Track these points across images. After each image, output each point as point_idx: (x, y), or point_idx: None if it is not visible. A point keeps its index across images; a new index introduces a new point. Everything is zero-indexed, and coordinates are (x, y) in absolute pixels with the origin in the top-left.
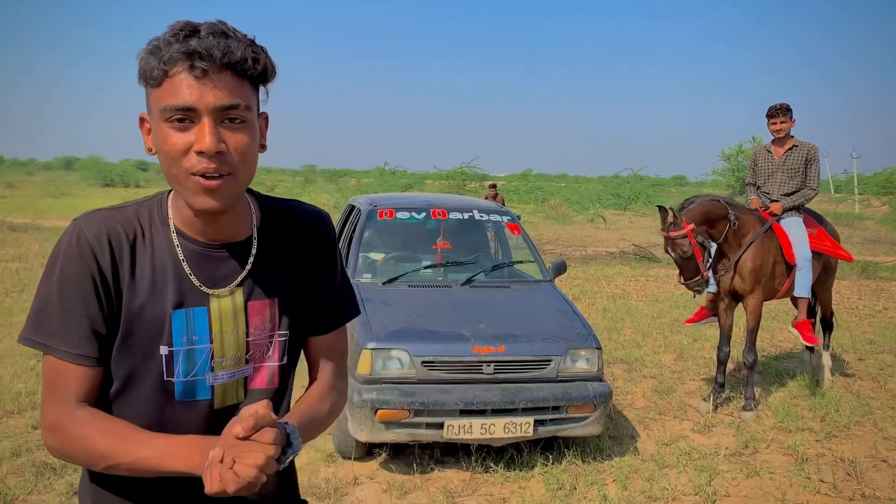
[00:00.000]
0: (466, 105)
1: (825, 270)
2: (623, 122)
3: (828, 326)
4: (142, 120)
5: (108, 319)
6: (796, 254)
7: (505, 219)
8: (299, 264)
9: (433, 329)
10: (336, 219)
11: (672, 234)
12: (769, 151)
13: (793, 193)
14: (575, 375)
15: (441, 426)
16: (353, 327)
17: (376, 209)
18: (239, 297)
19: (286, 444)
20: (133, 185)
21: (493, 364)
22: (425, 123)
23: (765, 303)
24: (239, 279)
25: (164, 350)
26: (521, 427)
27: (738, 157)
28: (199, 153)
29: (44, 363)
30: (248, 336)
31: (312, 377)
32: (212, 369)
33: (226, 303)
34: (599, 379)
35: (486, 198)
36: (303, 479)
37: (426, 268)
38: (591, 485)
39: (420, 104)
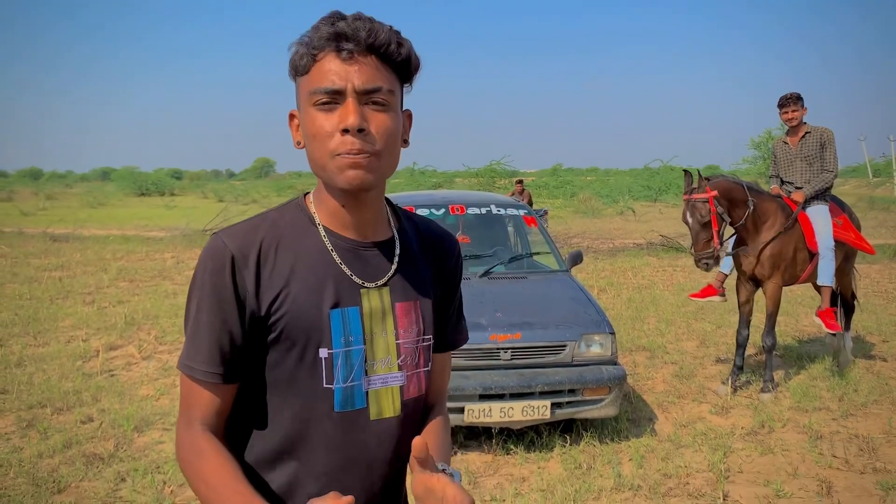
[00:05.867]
0: (495, 103)
1: (845, 257)
2: (653, 113)
3: (849, 309)
4: (291, 116)
5: (252, 332)
6: (819, 242)
7: (522, 212)
8: (434, 274)
9: None
10: None
11: (695, 196)
12: (786, 142)
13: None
14: (589, 360)
15: (462, 410)
16: None
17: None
18: (387, 295)
19: None
20: (168, 194)
21: (509, 350)
22: (454, 122)
23: (789, 288)
24: (387, 276)
25: (323, 353)
26: (538, 410)
27: (768, 144)
28: (344, 131)
29: (181, 379)
30: (397, 339)
31: (431, 401)
32: (366, 373)
33: (375, 301)
34: (614, 363)
35: (513, 194)
36: None
37: None
38: (608, 464)
39: (448, 103)
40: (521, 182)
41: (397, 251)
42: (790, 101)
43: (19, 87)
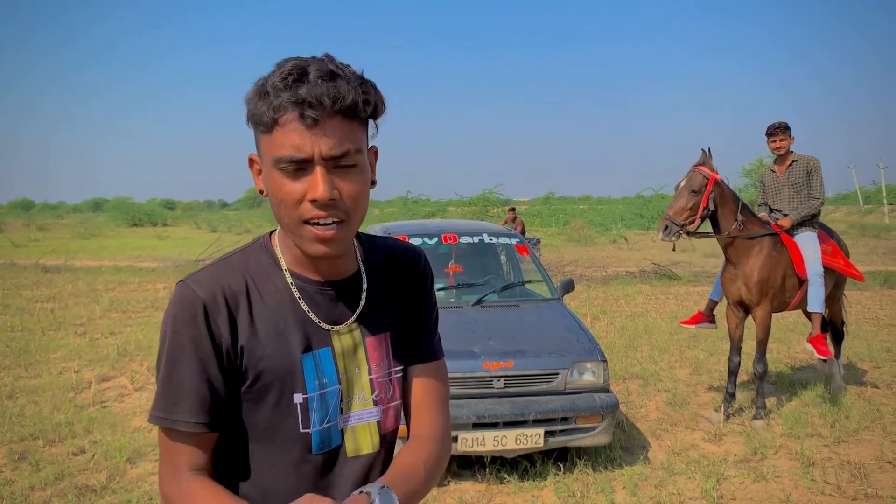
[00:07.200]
0: (489, 132)
1: (835, 285)
2: (646, 141)
3: (838, 336)
4: (251, 161)
5: (228, 379)
6: (808, 269)
7: (514, 241)
8: (403, 298)
9: (445, 347)
10: None
11: (700, 168)
12: (773, 171)
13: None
14: (582, 387)
15: (455, 439)
16: None
17: (390, 236)
18: (357, 333)
19: None
20: (161, 224)
21: (502, 379)
22: (448, 152)
23: (780, 315)
24: (356, 315)
25: (298, 398)
26: (531, 438)
27: (759, 172)
28: (313, 201)
29: (158, 432)
30: (370, 374)
31: (413, 423)
32: (341, 411)
33: (346, 340)
34: (606, 390)
35: (505, 222)
36: None
37: (438, 290)
38: (601, 492)
39: (442, 132)
40: (513, 210)
41: (364, 286)
42: (778, 131)
43: (10, 119)
